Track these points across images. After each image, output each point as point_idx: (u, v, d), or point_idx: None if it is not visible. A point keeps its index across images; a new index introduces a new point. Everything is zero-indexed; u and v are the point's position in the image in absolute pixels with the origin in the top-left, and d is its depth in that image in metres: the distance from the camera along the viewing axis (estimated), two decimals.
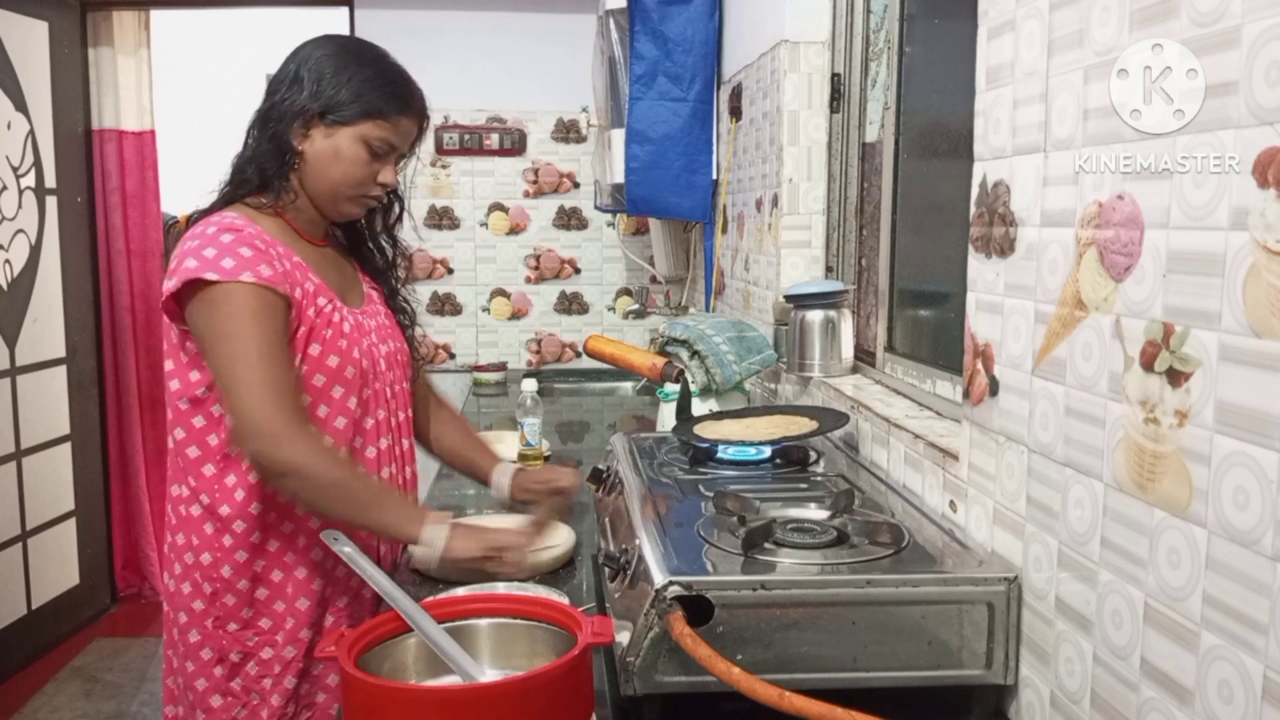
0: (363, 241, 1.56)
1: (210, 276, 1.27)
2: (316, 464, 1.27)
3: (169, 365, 1.39)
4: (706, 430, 1.64)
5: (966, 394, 1.20)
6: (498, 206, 3.90)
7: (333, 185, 1.40)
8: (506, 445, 2.19)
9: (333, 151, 1.38)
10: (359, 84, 1.38)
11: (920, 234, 1.85)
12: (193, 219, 1.38)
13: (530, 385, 2.18)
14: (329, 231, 1.50)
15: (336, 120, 1.37)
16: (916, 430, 1.43)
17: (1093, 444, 0.93)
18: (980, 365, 1.16)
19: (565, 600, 1.21)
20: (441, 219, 3.86)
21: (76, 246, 3.73)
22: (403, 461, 1.54)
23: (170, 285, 1.29)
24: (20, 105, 3.40)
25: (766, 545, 1.11)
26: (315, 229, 1.47)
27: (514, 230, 3.91)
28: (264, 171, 1.38)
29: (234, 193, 1.39)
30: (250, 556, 1.39)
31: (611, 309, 3.96)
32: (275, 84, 1.41)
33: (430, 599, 1.15)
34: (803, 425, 1.62)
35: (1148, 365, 0.84)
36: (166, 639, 1.47)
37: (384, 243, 1.57)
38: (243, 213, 1.37)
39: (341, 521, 1.30)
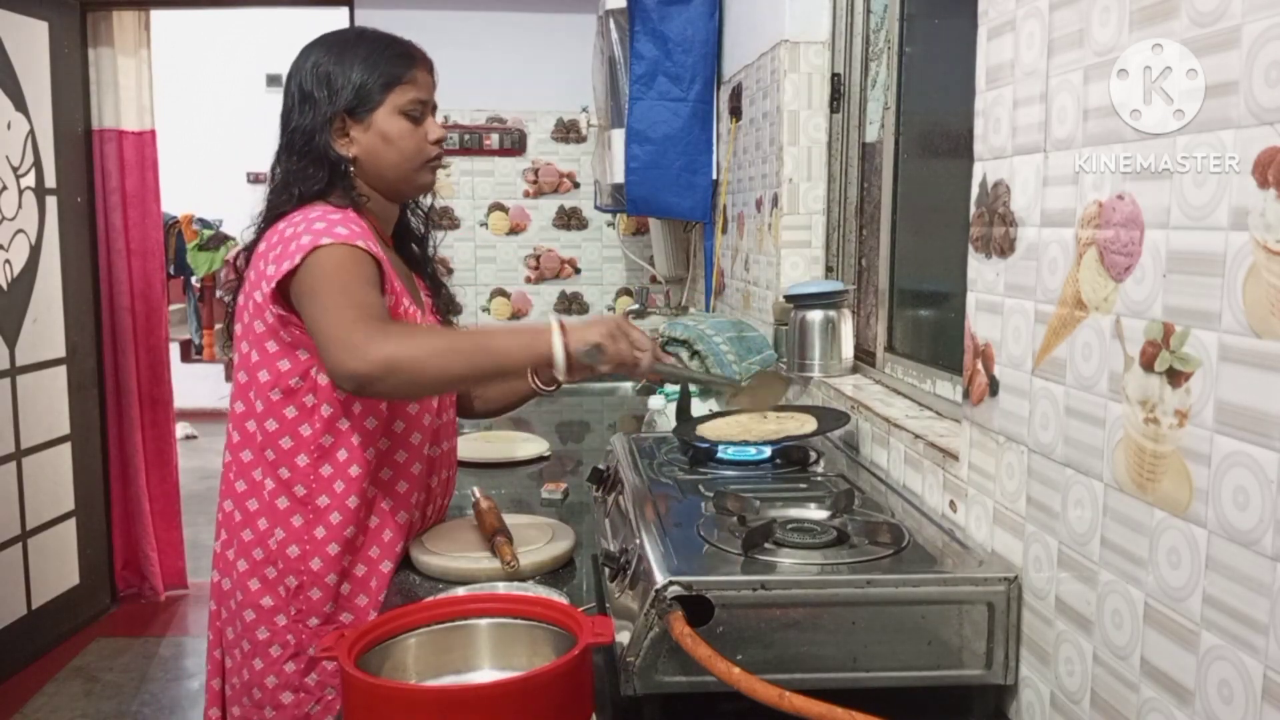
0: (416, 248, 1.58)
1: (325, 241, 1.27)
2: (407, 345, 1.21)
3: (255, 356, 1.37)
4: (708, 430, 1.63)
5: (966, 394, 1.20)
6: (498, 206, 3.90)
7: (397, 167, 1.42)
8: (508, 445, 2.18)
9: (380, 138, 1.40)
10: (364, 64, 1.39)
11: (920, 234, 1.85)
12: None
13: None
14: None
15: (367, 109, 1.39)
16: (916, 430, 1.43)
17: (1093, 444, 0.93)
18: (980, 365, 1.16)
19: (565, 600, 1.21)
20: (441, 219, 3.85)
21: (76, 246, 3.73)
22: (449, 460, 1.58)
23: (289, 265, 1.27)
24: (20, 105, 3.40)
25: (766, 545, 1.11)
26: (388, 227, 1.50)
27: (514, 230, 3.91)
28: (311, 188, 1.37)
29: (275, 214, 1.39)
30: (341, 550, 1.40)
31: (611, 309, 3.96)
32: (287, 112, 1.41)
33: (430, 599, 1.15)
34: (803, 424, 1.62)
35: (1148, 365, 0.84)
36: (216, 639, 1.46)
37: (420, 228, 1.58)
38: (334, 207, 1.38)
39: (468, 379, 1.31)
